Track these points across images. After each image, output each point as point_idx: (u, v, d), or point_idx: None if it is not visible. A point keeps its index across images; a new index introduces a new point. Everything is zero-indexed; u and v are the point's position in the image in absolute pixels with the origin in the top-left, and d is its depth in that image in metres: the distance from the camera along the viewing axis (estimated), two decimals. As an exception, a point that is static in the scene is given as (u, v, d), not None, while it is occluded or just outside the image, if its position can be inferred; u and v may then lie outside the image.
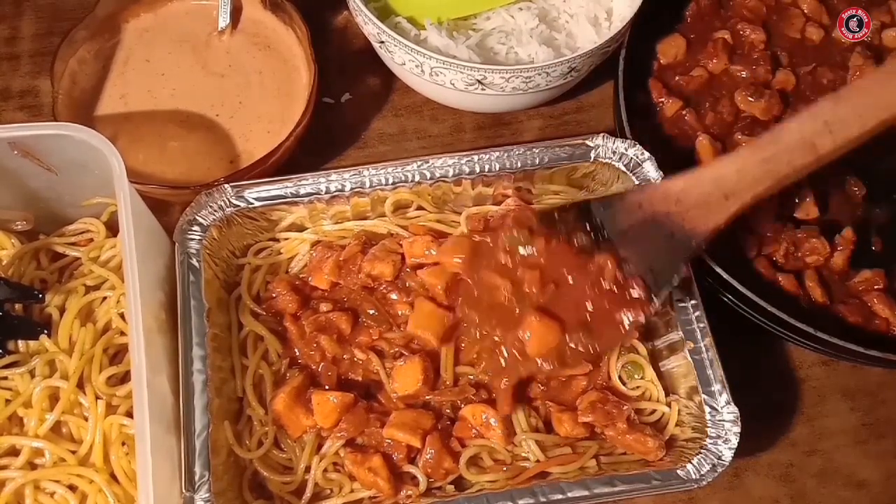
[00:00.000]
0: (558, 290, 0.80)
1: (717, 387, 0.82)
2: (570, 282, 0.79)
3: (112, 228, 0.89)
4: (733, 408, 0.81)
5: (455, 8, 1.02)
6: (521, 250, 0.81)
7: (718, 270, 0.86)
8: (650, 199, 0.80)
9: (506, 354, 0.80)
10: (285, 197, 0.90)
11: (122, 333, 0.83)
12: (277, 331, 0.89)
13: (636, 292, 0.78)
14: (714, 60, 1.02)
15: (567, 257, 0.80)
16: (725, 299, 0.90)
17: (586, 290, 0.79)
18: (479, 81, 0.95)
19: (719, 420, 0.81)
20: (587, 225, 0.80)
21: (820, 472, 0.93)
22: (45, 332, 0.82)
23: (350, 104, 1.13)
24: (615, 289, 0.78)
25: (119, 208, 0.76)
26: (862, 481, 0.93)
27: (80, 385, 0.80)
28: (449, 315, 0.87)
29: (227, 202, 0.89)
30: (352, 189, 0.91)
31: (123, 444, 0.79)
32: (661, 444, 0.82)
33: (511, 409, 0.83)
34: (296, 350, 0.87)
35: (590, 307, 0.79)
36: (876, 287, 0.91)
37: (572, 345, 0.79)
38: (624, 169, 0.91)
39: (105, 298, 0.85)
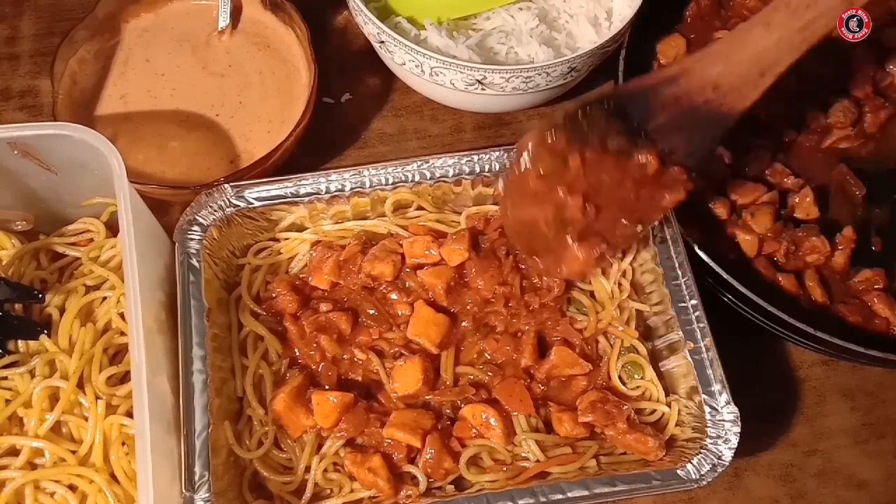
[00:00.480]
0: (600, 200, 0.78)
1: (716, 387, 0.82)
2: (612, 186, 0.78)
3: (112, 228, 0.89)
4: (733, 408, 0.81)
5: (455, 8, 1.02)
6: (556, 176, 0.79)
7: (718, 270, 0.86)
8: (687, 91, 0.77)
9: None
10: (285, 197, 0.91)
11: (122, 333, 0.83)
12: (277, 331, 0.89)
13: (676, 174, 0.78)
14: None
15: (605, 163, 0.77)
16: (725, 299, 0.90)
17: (628, 187, 0.78)
18: (479, 81, 0.95)
19: (719, 420, 0.81)
20: (620, 123, 0.78)
21: (820, 472, 0.93)
22: (45, 332, 0.82)
23: (350, 104, 1.13)
24: (656, 177, 0.78)
25: (119, 208, 0.76)
26: (862, 481, 0.93)
27: (80, 385, 0.80)
28: (448, 320, 0.88)
29: (227, 202, 0.89)
30: (352, 189, 0.91)
31: (123, 444, 0.79)
32: (662, 443, 0.82)
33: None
34: (296, 350, 0.87)
35: (632, 196, 0.78)
36: (876, 287, 0.91)
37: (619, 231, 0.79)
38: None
39: (105, 298, 0.85)
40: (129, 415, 0.78)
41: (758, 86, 0.76)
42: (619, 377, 0.88)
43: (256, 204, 0.90)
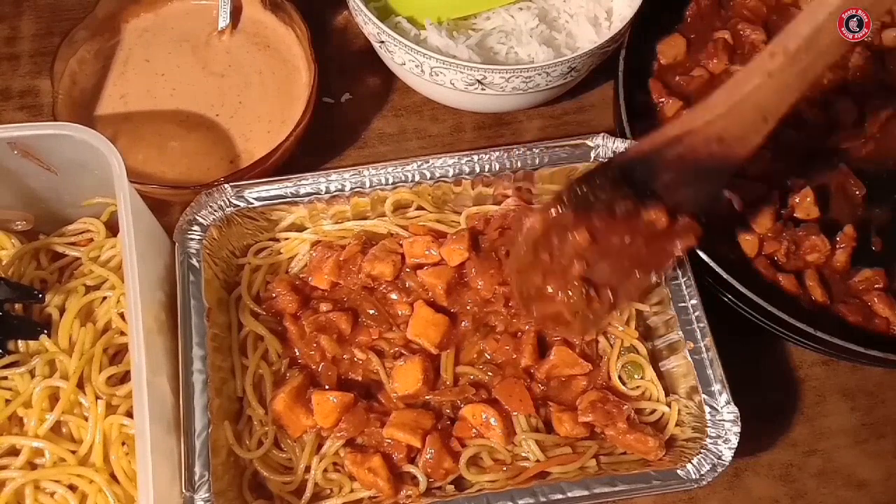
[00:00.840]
0: (610, 260, 0.79)
1: (716, 387, 0.82)
2: (622, 246, 0.78)
3: (112, 228, 0.89)
4: (733, 407, 0.81)
5: (455, 8, 1.02)
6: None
7: (718, 270, 0.86)
8: (691, 148, 0.77)
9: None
10: (285, 197, 0.90)
11: (122, 333, 0.83)
12: (277, 331, 0.89)
13: (686, 223, 0.78)
14: (714, 60, 1.02)
15: (614, 227, 0.78)
16: (725, 299, 0.90)
17: (639, 244, 0.78)
18: (479, 81, 0.95)
19: (719, 420, 0.81)
20: (626, 188, 0.78)
21: (820, 472, 0.93)
22: (45, 332, 0.82)
23: (350, 104, 1.13)
24: (666, 230, 0.78)
25: (119, 208, 0.76)
26: (862, 481, 0.93)
27: (80, 385, 0.80)
28: (448, 320, 0.88)
29: (227, 202, 0.89)
30: (352, 189, 0.91)
31: (123, 444, 0.79)
32: (662, 443, 0.82)
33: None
34: (296, 350, 0.87)
35: (644, 252, 0.79)
36: (876, 286, 0.91)
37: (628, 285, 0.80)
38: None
39: (105, 298, 0.85)
40: (129, 415, 0.78)
41: (761, 131, 0.76)
42: (619, 377, 0.88)
43: (256, 204, 0.90)
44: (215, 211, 0.89)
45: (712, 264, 0.87)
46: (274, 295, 0.89)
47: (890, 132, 1.00)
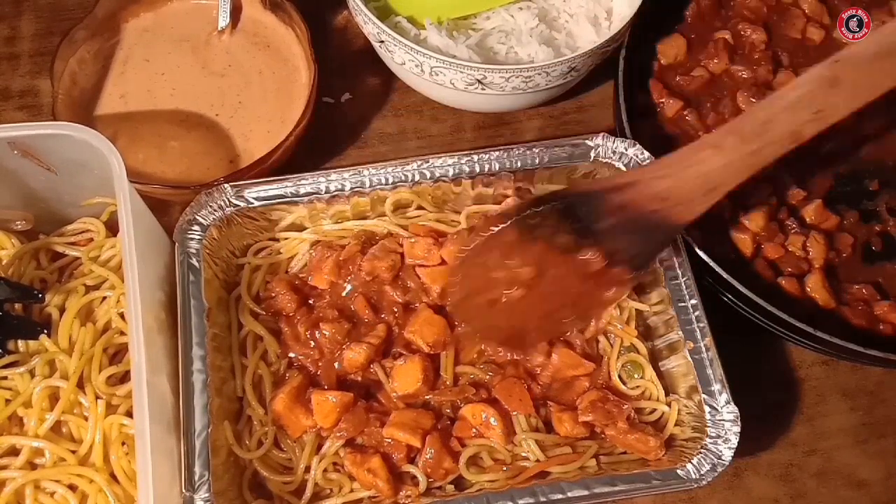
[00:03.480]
0: (541, 286, 0.81)
1: (716, 386, 0.82)
2: (558, 279, 0.81)
3: (112, 228, 0.89)
4: (733, 407, 0.81)
5: (455, 8, 1.02)
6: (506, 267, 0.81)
7: (718, 270, 0.86)
8: (634, 199, 0.80)
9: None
10: (285, 197, 0.90)
11: (122, 333, 0.83)
12: (277, 331, 0.89)
13: (619, 273, 0.81)
14: (715, 61, 1.02)
15: (552, 258, 0.80)
16: (725, 299, 0.90)
17: (573, 282, 0.81)
18: (479, 81, 0.95)
19: (719, 420, 0.81)
20: (570, 223, 0.80)
21: (820, 472, 0.93)
22: (45, 331, 0.82)
23: (350, 104, 1.13)
24: (599, 275, 0.80)
25: (119, 208, 0.76)
26: (862, 481, 0.93)
27: (80, 385, 0.80)
28: (447, 320, 0.88)
29: (227, 202, 0.89)
30: (352, 189, 0.91)
31: (123, 443, 0.79)
32: (662, 443, 0.82)
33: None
34: (295, 350, 0.87)
35: (575, 291, 0.82)
36: (877, 287, 0.91)
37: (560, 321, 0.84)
38: (624, 168, 0.92)
39: (105, 298, 0.85)
40: (129, 414, 0.78)
41: (704, 202, 0.79)
42: (619, 376, 0.88)
43: (256, 204, 0.90)
44: (215, 211, 0.89)
45: (712, 264, 0.87)
46: (273, 295, 0.89)
47: (890, 133, 1.01)
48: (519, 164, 0.92)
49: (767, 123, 0.76)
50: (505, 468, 0.82)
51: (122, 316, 0.84)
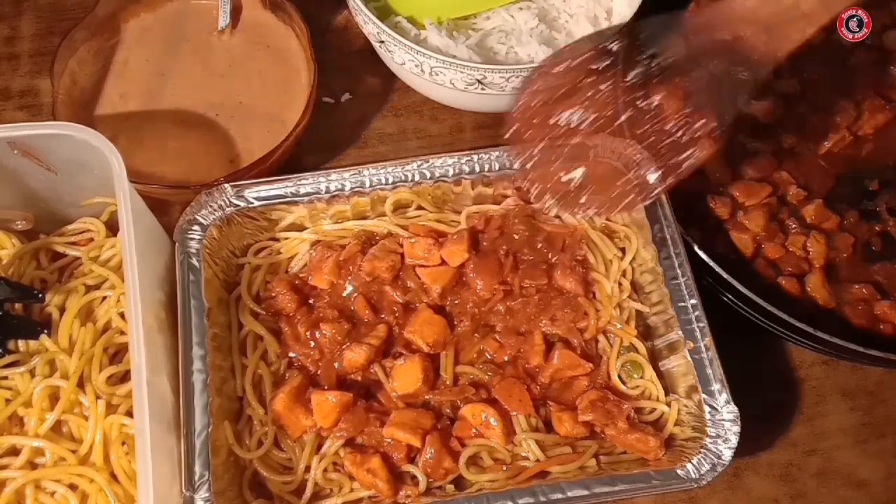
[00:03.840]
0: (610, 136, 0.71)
1: (716, 386, 0.82)
2: (627, 126, 0.71)
3: (112, 228, 0.89)
4: (733, 407, 0.81)
5: (455, 8, 1.02)
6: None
7: (718, 270, 0.86)
8: (713, 22, 0.70)
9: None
10: (285, 196, 0.91)
11: (122, 333, 0.83)
12: (277, 331, 0.89)
13: (702, 127, 0.70)
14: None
15: (620, 99, 0.71)
16: (725, 299, 0.90)
17: (646, 132, 0.71)
18: (478, 81, 0.95)
19: (719, 419, 0.81)
20: (639, 53, 0.70)
21: (820, 472, 0.93)
22: (45, 331, 0.82)
23: (350, 104, 1.13)
24: (678, 127, 0.70)
25: (119, 208, 0.76)
26: (862, 481, 0.93)
27: (81, 384, 0.80)
28: (447, 320, 0.88)
29: (227, 202, 0.90)
30: (352, 189, 0.91)
31: (123, 443, 0.79)
32: (662, 442, 0.82)
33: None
34: (295, 350, 0.87)
35: (648, 145, 0.71)
36: (877, 287, 0.91)
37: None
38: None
39: (105, 298, 0.85)
40: (129, 414, 0.78)
41: (798, 30, 0.68)
42: (619, 376, 0.88)
43: (256, 203, 0.90)
44: (215, 211, 0.89)
45: (712, 264, 0.87)
46: (274, 294, 0.89)
47: (890, 133, 1.01)
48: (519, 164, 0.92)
49: None
50: (505, 468, 0.82)
51: (122, 316, 0.84)
